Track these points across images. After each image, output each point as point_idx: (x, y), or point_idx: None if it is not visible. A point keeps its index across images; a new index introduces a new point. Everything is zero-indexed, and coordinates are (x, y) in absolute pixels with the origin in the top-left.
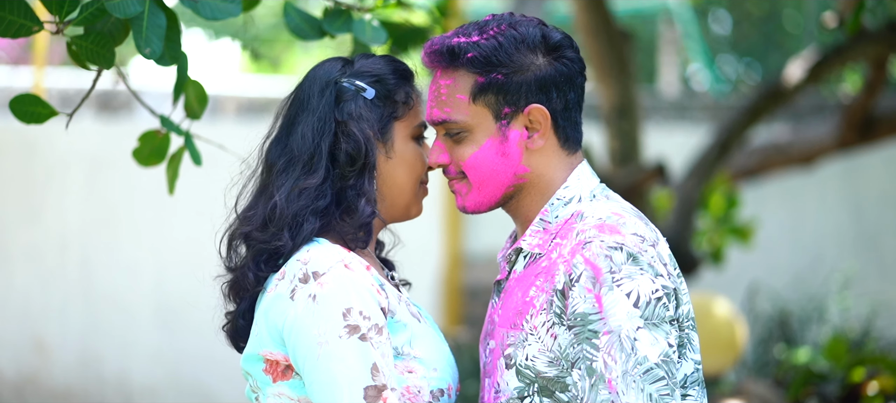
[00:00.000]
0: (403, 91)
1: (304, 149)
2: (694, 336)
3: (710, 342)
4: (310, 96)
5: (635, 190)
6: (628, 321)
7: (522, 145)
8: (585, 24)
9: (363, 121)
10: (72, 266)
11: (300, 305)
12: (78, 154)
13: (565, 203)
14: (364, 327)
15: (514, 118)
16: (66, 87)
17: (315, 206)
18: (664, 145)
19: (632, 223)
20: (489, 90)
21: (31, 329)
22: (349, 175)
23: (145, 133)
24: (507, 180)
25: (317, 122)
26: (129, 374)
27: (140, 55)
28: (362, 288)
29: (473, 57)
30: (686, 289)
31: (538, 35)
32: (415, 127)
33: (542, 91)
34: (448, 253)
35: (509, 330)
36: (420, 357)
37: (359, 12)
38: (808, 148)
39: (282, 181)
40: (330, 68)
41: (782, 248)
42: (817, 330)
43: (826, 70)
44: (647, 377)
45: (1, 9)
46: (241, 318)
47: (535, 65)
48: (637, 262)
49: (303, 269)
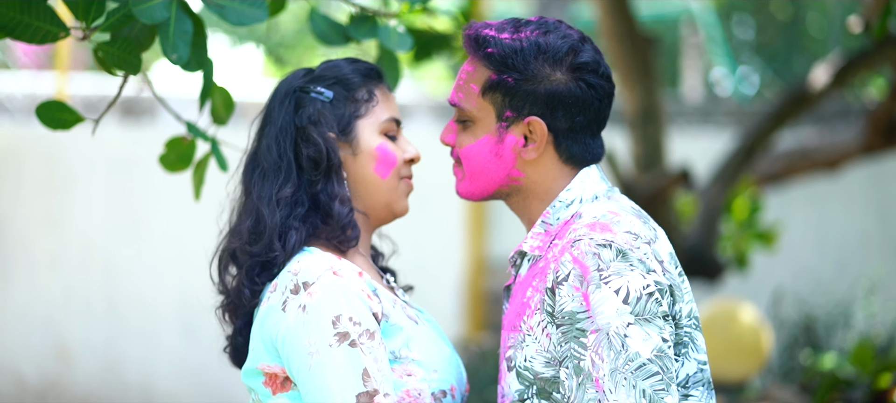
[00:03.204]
0: (365, 89)
1: (271, 160)
2: (697, 336)
3: (735, 348)
4: (272, 108)
5: (659, 195)
6: (617, 318)
7: (516, 152)
8: (609, 29)
9: (322, 124)
10: (94, 272)
11: (291, 316)
12: (101, 159)
13: (567, 205)
14: (354, 333)
15: (514, 123)
16: (88, 93)
17: (296, 213)
18: (688, 150)
19: (627, 221)
20: (498, 89)
21: (54, 335)
22: (317, 179)
23: (171, 139)
24: (498, 179)
25: (279, 132)
26: (152, 380)
27: (166, 60)
28: (352, 293)
29: (492, 53)
30: (688, 288)
31: (565, 49)
32: (382, 122)
33: (549, 106)
34: (471, 258)
35: (510, 333)
36: (418, 360)
37: (384, 18)
38: (834, 153)
39: (259, 193)
40: (292, 78)
41: (807, 253)
42: (843, 335)
43: (851, 74)
44: (640, 373)
45: (28, 15)
46: (239, 336)
47: (549, 78)
48: (627, 259)
49: (293, 280)
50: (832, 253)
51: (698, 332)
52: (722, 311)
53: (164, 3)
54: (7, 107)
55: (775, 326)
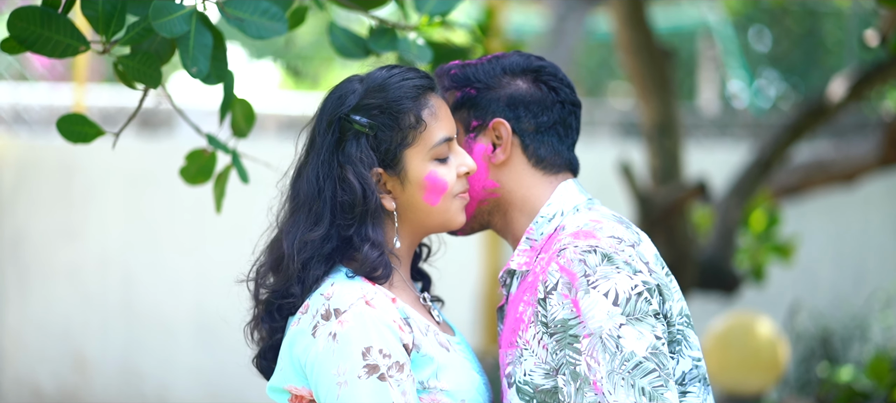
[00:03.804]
0: (413, 115)
1: (309, 195)
2: (690, 333)
3: (752, 360)
4: (317, 132)
5: (676, 208)
6: (609, 320)
7: (486, 159)
8: (626, 42)
9: (362, 164)
10: (112, 283)
11: (321, 343)
12: (118, 171)
13: (549, 219)
14: (383, 366)
15: (481, 131)
16: (106, 105)
17: (321, 252)
18: (705, 163)
19: (609, 227)
20: (463, 105)
21: (72, 346)
22: (350, 223)
23: (192, 152)
24: (476, 194)
25: (321, 166)
26: (170, 391)
27: (186, 74)
28: (383, 325)
29: (455, 73)
30: (677, 287)
31: (520, 61)
32: (431, 148)
33: (511, 108)
34: (487, 270)
35: (507, 350)
36: (447, 390)
37: (403, 31)
38: (850, 165)
39: (289, 227)
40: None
41: (824, 266)
42: (860, 348)
43: (868, 87)
44: (637, 371)
45: (48, 29)
46: (263, 359)
47: (509, 85)
48: (612, 262)
49: (325, 305)
50: (849, 266)
51: (690, 329)
52: (739, 324)
53: (183, 17)
54: (25, 118)
55: (792, 339)
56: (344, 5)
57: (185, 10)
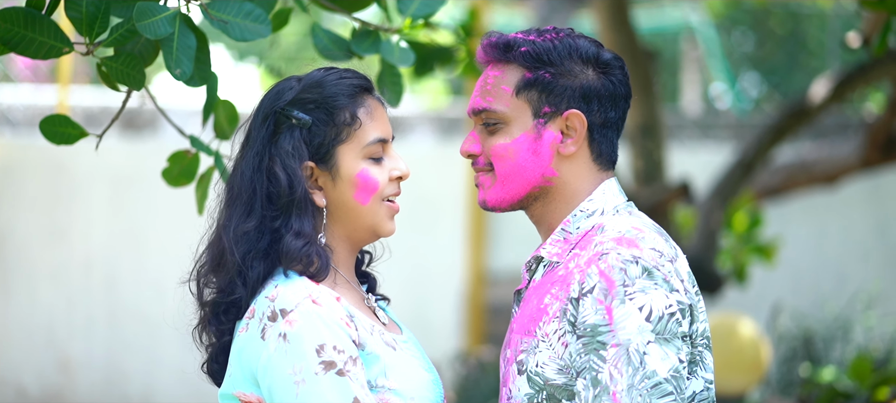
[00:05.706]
0: (348, 112)
1: (242, 188)
2: (707, 355)
3: (734, 361)
4: (253, 126)
5: (659, 209)
6: (639, 335)
7: (554, 148)
8: (610, 43)
9: (293, 157)
10: (97, 284)
11: (272, 345)
12: (102, 172)
13: (588, 215)
14: (339, 361)
15: (552, 119)
16: (89, 105)
17: (257, 249)
18: (688, 164)
19: (651, 238)
20: (534, 86)
21: (56, 347)
22: (277, 214)
23: (175, 153)
24: (534, 179)
25: (254, 158)
26: (154, 392)
27: (170, 75)
28: (332, 321)
29: (526, 51)
30: (703, 307)
31: (592, 50)
32: (365, 147)
33: (585, 100)
34: (471, 271)
35: (523, 337)
36: (395, 389)
37: (386, 33)
38: (832, 167)
39: (225, 221)
40: (276, 95)
41: (806, 267)
42: (842, 349)
43: (850, 89)
44: (655, 391)
45: (31, 30)
46: (215, 363)
47: (583, 74)
48: (652, 277)
49: (271, 307)
50: (831, 267)
51: (708, 351)
52: (721, 325)
53: (167, 19)
54: (8, 119)
55: (774, 340)
56: (327, 7)
57: (169, 12)
